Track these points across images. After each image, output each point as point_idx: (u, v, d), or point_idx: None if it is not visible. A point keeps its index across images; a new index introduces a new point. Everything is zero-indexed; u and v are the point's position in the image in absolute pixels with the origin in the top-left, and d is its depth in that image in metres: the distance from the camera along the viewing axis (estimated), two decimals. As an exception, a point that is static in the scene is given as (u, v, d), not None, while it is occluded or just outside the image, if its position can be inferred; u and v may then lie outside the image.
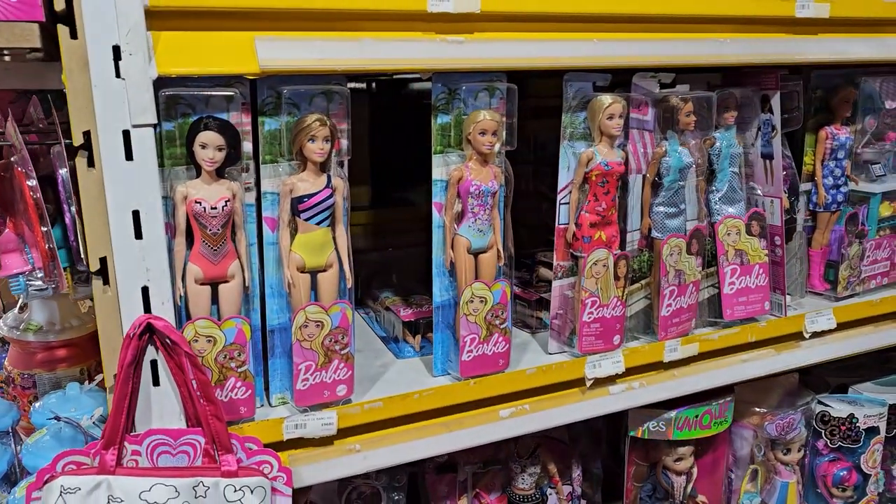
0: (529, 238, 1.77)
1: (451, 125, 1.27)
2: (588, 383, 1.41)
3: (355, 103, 1.18)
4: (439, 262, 1.31)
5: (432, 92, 1.24)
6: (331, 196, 1.17)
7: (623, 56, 1.31)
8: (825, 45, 1.50)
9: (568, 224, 1.40)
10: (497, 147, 1.27)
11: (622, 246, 1.44)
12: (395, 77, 2.25)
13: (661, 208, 1.46)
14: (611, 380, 1.44)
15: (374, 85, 2.33)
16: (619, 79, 1.40)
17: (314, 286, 1.21)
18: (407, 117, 1.88)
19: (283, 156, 1.16)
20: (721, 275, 1.55)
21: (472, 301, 1.28)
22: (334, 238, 1.20)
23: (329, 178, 1.17)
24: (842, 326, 1.70)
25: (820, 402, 1.85)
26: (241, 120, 1.11)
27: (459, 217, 1.29)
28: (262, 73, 1.05)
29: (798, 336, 1.64)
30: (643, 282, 1.51)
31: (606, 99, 1.34)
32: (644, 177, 1.45)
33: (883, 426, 1.86)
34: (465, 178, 1.26)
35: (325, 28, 1.12)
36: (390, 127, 2.22)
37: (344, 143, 1.20)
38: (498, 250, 1.32)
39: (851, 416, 1.81)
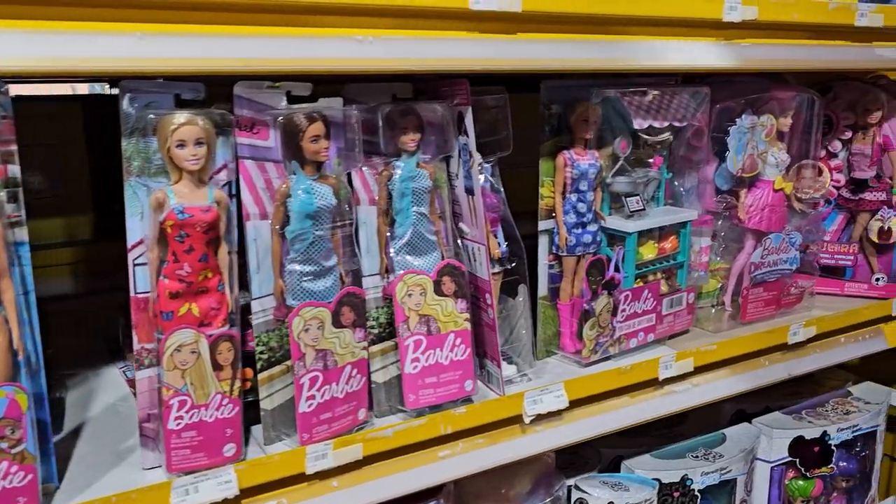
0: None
1: None
2: (181, 516, 1.01)
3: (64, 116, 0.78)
4: (-88, 359, 0.89)
5: None
6: None
7: (198, 59, 0.91)
8: (522, 49, 1.14)
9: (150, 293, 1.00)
10: (-16, 190, 0.86)
11: (240, 322, 1.05)
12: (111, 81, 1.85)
13: (296, 266, 1.07)
14: (223, 506, 1.04)
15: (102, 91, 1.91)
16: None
17: None
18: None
19: None
20: (401, 350, 1.18)
21: (-50, 419, 0.87)
22: None
23: None
24: (584, 401, 1.36)
25: (577, 488, 1.51)
26: None
27: (-67, 293, 0.88)
28: None
29: (520, 420, 1.29)
30: (288, 363, 1.12)
31: (176, 118, 0.94)
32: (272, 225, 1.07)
33: (653, 514, 1.53)
34: (-73, 238, 0.84)
35: None
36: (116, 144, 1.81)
37: None
38: (11, 337, 0.91)
39: (611, 504, 1.48)
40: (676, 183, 1.58)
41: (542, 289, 1.44)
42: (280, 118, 1.02)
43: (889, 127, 1.79)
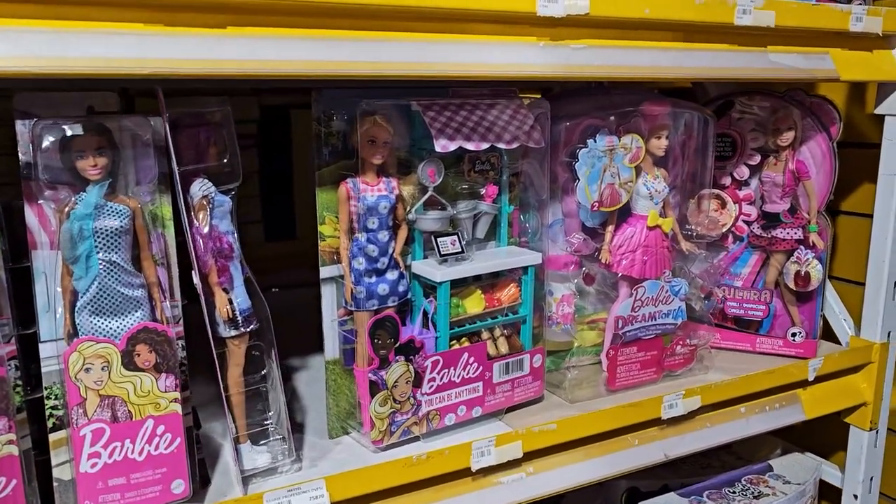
0: None
1: None
2: None
3: None
4: None
5: None
6: None
7: None
8: (232, 48, 0.87)
9: None
10: None
11: None
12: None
13: None
14: None
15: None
16: None
17: None
18: None
19: None
20: (75, 442, 0.89)
21: None
22: None
23: None
24: (365, 499, 1.06)
25: None
26: None
27: None
28: None
29: (258, 527, 1.00)
30: None
31: None
32: None
33: None
34: None
35: None
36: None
37: None
38: None
39: None
40: (524, 217, 1.29)
41: (333, 351, 1.15)
42: None
43: (807, 150, 1.48)
